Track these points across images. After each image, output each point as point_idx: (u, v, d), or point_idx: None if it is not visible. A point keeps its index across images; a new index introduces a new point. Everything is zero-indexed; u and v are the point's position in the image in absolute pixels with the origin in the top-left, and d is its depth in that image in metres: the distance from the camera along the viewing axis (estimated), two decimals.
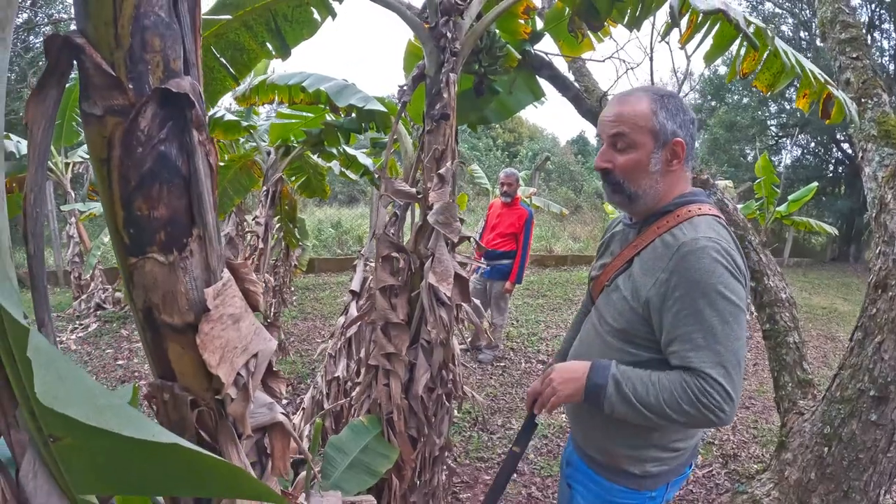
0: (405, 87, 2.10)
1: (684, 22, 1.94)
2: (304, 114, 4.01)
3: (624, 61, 2.74)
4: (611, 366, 1.25)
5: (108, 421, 0.46)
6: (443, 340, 2.02)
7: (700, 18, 2.01)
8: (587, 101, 3.03)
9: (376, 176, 4.33)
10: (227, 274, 0.75)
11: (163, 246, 0.70)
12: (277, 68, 3.75)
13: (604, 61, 2.70)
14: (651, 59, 3.12)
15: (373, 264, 2.54)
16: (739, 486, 3.01)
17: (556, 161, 21.62)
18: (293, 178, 5.00)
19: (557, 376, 1.31)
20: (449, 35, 1.94)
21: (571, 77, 3.11)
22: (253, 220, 3.96)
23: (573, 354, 1.47)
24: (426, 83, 2.05)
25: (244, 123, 3.73)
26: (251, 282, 0.77)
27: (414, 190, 2.07)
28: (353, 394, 2.24)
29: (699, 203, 1.28)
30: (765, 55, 2.01)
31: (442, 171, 1.98)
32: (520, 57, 2.75)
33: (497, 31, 2.49)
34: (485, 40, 2.36)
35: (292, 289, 8.08)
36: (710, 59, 2.09)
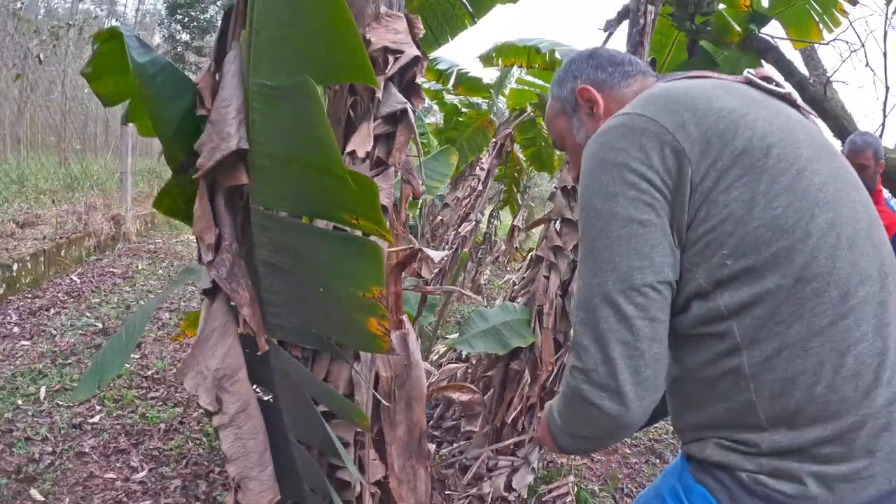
0: (611, 21, 2.35)
1: None
2: (543, 82, 4.43)
3: (848, 42, 2.58)
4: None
5: None
6: None
7: None
8: (812, 87, 2.94)
9: None
10: None
11: None
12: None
13: (828, 44, 2.62)
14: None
15: None
16: None
17: None
18: (525, 149, 5.46)
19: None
20: None
21: (800, 62, 3.06)
22: (478, 166, 4.52)
23: None
24: (629, 17, 2.26)
25: (485, 81, 4.28)
26: None
27: None
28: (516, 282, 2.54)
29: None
30: None
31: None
32: (740, 30, 2.83)
33: None
34: None
35: (507, 268, 8.59)
36: None
